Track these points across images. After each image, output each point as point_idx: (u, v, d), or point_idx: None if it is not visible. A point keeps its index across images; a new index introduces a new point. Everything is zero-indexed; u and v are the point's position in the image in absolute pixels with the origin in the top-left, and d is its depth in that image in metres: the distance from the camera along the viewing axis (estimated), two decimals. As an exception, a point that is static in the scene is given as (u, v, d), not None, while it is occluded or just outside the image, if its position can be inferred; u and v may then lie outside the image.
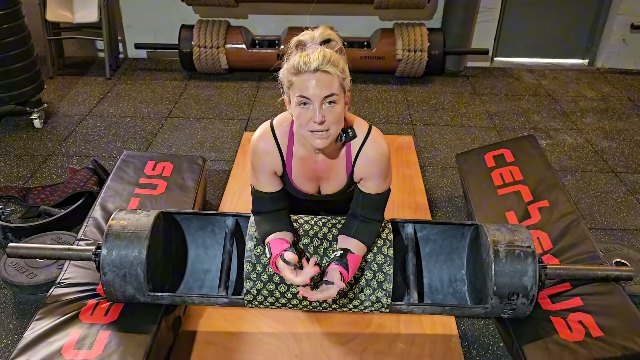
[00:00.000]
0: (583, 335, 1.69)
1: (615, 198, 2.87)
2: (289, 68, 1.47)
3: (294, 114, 1.51)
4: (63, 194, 2.67)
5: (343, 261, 1.66)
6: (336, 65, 1.44)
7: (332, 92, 1.45)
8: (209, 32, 4.05)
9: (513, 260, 1.73)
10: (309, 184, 1.73)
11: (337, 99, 1.47)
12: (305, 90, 1.44)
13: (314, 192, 1.77)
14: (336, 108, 1.48)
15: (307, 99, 1.45)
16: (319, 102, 1.45)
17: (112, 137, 3.36)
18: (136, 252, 1.73)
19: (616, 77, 4.36)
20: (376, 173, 1.65)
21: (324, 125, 1.47)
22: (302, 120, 1.49)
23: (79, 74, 4.24)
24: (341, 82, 1.47)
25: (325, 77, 1.43)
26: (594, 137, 3.48)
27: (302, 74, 1.44)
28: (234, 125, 3.54)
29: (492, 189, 2.43)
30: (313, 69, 1.42)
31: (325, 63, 1.42)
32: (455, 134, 3.48)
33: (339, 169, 1.68)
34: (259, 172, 1.70)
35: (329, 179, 1.72)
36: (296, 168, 1.69)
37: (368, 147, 1.63)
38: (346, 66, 1.49)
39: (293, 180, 1.71)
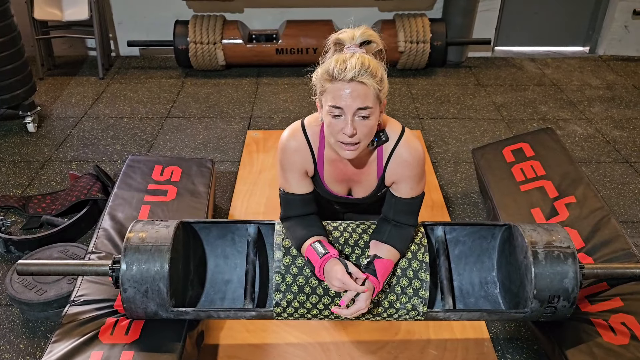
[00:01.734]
0: (628, 338, 1.63)
1: (632, 189, 2.82)
2: (323, 73, 1.38)
3: (325, 121, 1.43)
4: (66, 203, 2.55)
5: (370, 268, 1.58)
6: (374, 76, 1.35)
7: (366, 105, 1.36)
8: (204, 27, 3.92)
9: (553, 262, 1.66)
10: (340, 185, 1.65)
11: (370, 112, 1.38)
12: (338, 100, 1.36)
13: (345, 195, 1.68)
14: (369, 121, 1.40)
15: (339, 109, 1.36)
16: (352, 113, 1.37)
17: (111, 140, 3.23)
18: (158, 266, 1.63)
19: (619, 65, 4.32)
20: (409, 176, 1.57)
21: (354, 138, 1.40)
22: (333, 129, 1.42)
23: (70, 74, 4.09)
24: (377, 93, 1.38)
25: (360, 88, 1.34)
26: (604, 126, 3.43)
27: (337, 81, 1.35)
28: (237, 124, 3.43)
29: (514, 185, 2.36)
30: (348, 78, 1.33)
31: (362, 73, 1.33)
32: (464, 127, 3.41)
33: (370, 172, 1.60)
34: (289, 172, 1.60)
35: (360, 182, 1.63)
36: (327, 169, 1.61)
37: (400, 150, 1.54)
38: (385, 73, 1.39)
39: (325, 181, 1.63)
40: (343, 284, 1.49)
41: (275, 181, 2.79)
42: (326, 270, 1.53)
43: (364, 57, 1.35)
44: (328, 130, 1.43)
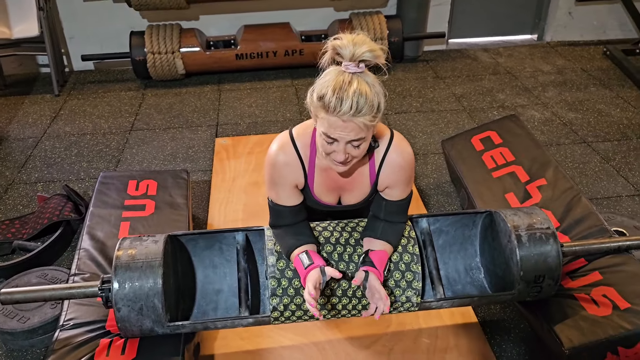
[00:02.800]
0: (611, 308, 1.72)
1: (592, 167, 2.96)
2: (319, 99, 1.34)
3: (318, 139, 1.43)
4: (37, 226, 2.47)
5: (367, 261, 1.61)
6: (370, 109, 1.32)
7: (360, 137, 1.36)
8: (161, 37, 3.86)
9: (536, 244, 1.73)
10: (330, 195, 1.66)
11: (363, 141, 1.38)
12: (332, 132, 1.35)
13: (334, 203, 1.70)
14: (361, 147, 1.40)
15: (333, 139, 1.37)
16: (345, 142, 1.37)
17: (75, 158, 3.15)
18: (151, 282, 1.61)
19: (566, 50, 4.51)
20: (402, 180, 1.58)
21: (345, 161, 1.42)
22: (325, 149, 1.42)
23: (23, 93, 3.95)
24: (372, 120, 1.35)
25: (355, 125, 1.33)
26: (559, 110, 3.58)
27: (332, 114, 1.32)
28: (204, 132, 3.40)
29: (486, 173, 2.44)
30: (344, 112, 1.30)
31: (357, 113, 1.30)
32: (429, 120, 3.49)
33: (362, 178, 1.61)
34: (279, 186, 1.60)
35: (352, 190, 1.65)
36: (318, 180, 1.61)
37: (392, 155, 1.55)
38: (382, 98, 1.35)
39: (314, 192, 1.63)
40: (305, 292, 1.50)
41: (250, 187, 2.79)
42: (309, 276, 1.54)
43: (362, 87, 1.30)
44: (321, 148, 1.43)
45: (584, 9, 4.51)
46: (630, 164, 2.98)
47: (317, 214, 1.79)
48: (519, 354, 1.94)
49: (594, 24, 4.60)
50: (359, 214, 1.80)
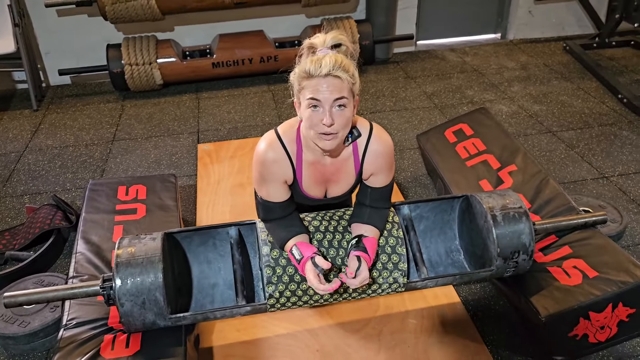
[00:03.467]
0: (581, 278, 1.86)
1: (558, 155, 3.14)
2: (301, 72, 1.51)
3: (304, 115, 1.54)
4: (29, 235, 2.52)
5: (360, 246, 1.72)
6: (347, 71, 1.49)
7: (342, 96, 1.49)
8: (138, 48, 3.93)
9: (510, 222, 1.87)
10: (317, 188, 1.77)
11: (346, 102, 1.51)
12: (316, 94, 1.49)
13: (321, 196, 1.81)
14: (345, 112, 1.52)
15: (317, 101, 1.49)
16: (329, 105, 1.49)
17: (60, 170, 3.19)
18: (152, 277, 1.70)
19: (528, 47, 4.72)
20: (384, 166, 1.72)
21: (332, 128, 1.51)
22: (312, 122, 1.52)
23: (0, 109, 3.96)
24: (351, 87, 1.51)
25: (335, 82, 1.48)
26: (525, 103, 3.77)
27: (314, 78, 1.48)
28: (185, 139, 3.48)
29: (460, 163, 2.58)
30: (324, 73, 1.46)
31: (336, 68, 1.46)
32: (402, 118, 3.63)
33: (348, 169, 1.73)
34: (268, 183, 1.70)
35: (339, 181, 1.76)
36: (306, 174, 1.72)
37: (374, 143, 1.68)
38: (356, 71, 1.54)
39: (303, 187, 1.74)
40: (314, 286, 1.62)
41: (235, 188, 2.88)
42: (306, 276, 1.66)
43: (336, 55, 1.49)
44: (307, 124, 1.54)
45: (544, 8, 4.74)
46: (593, 149, 3.17)
47: (305, 208, 1.90)
48: (500, 328, 2.07)
49: (553, 21, 4.84)
50: (342, 204, 1.93)
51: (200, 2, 3.79)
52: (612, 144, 3.22)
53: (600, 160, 3.06)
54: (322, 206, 1.93)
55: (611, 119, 3.50)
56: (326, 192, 1.81)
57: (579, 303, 1.78)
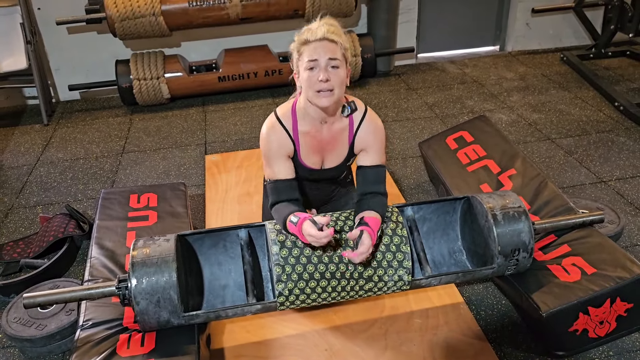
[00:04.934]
0: (580, 275, 1.93)
1: (557, 161, 3.21)
2: (299, 40, 1.75)
3: (303, 78, 1.75)
4: (43, 243, 2.59)
5: (363, 223, 1.81)
6: (339, 36, 1.73)
7: (336, 57, 1.71)
8: (146, 64, 4.04)
9: (510, 221, 1.94)
10: (314, 158, 1.92)
11: (339, 63, 1.72)
12: (312, 54, 1.70)
13: (318, 167, 1.95)
14: (339, 72, 1.73)
15: (314, 61, 1.70)
16: (325, 63, 1.70)
17: (71, 181, 3.28)
18: (167, 275, 1.77)
19: (526, 58, 4.83)
20: (375, 142, 1.91)
21: (328, 84, 1.71)
22: (310, 82, 1.73)
23: (12, 124, 4.07)
24: (343, 52, 1.74)
25: (329, 45, 1.70)
26: (524, 112, 3.85)
27: (310, 43, 1.71)
28: (193, 150, 3.57)
29: (461, 168, 2.66)
30: (319, 37, 1.70)
31: (329, 33, 1.70)
32: (405, 127, 3.72)
33: (342, 139, 1.90)
34: (273, 159, 1.86)
35: (334, 150, 1.92)
36: (302, 143, 1.88)
37: (368, 120, 1.91)
38: (347, 43, 1.77)
39: (301, 157, 1.90)
40: (313, 236, 1.69)
41: (243, 197, 2.95)
42: (303, 233, 1.73)
43: (329, 25, 1.73)
44: (306, 85, 1.74)
45: (540, 20, 4.85)
46: (591, 155, 3.24)
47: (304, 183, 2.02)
48: (502, 326, 2.13)
49: (550, 33, 4.95)
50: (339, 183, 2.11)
51: (206, 18, 3.90)
52: (609, 150, 3.30)
53: (598, 166, 3.13)
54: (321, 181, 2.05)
55: (608, 126, 3.58)
56: (323, 164, 1.96)
57: (578, 298, 1.84)
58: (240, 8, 3.89)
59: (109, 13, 3.76)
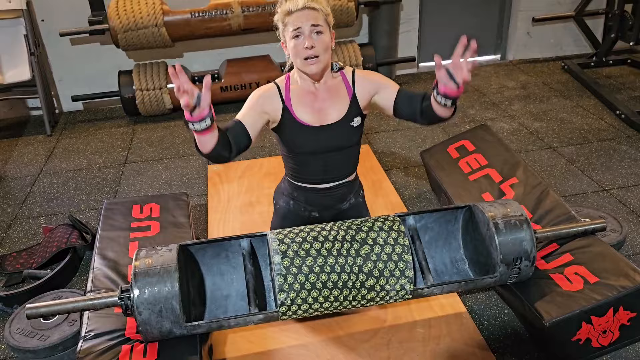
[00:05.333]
0: (582, 284, 1.92)
1: (559, 169, 3.21)
2: (281, 12, 1.85)
3: (290, 47, 1.85)
4: (46, 254, 2.60)
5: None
6: (319, 3, 1.84)
7: (318, 23, 1.81)
8: (149, 74, 4.07)
9: (512, 230, 1.94)
10: (311, 114, 1.95)
11: (322, 29, 1.83)
12: (296, 23, 1.81)
13: (317, 124, 1.95)
14: (323, 37, 1.83)
15: (298, 29, 1.80)
16: (308, 31, 1.80)
17: (74, 192, 3.29)
18: (169, 286, 1.77)
19: (527, 66, 4.84)
20: (380, 79, 1.99)
21: (314, 51, 1.81)
22: (297, 50, 1.82)
23: (15, 135, 4.09)
24: (325, 17, 1.85)
25: (311, 12, 1.81)
26: (525, 120, 3.86)
27: (293, 13, 1.82)
28: (195, 160, 3.58)
29: (463, 177, 2.66)
30: (300, 7, 1.80)
31: (310, 1, 1.81)
32: (406, 137, 3.73)
33: (340, 92, 1.97)
34: (249, 109, 1.93)
35: (333, 103, 1.95)
36: (296, 101, 1.94)
37: (360, 72, 2.01)
38: (328, 8, 1.88)
39: (295, 114, 1.93)
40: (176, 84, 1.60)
41: (245, 207, 2.96)
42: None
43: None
44: (293, 53, 1.84)
45: (541, 29, 4.87)
46: (593, 164, 3.25)
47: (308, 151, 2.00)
48: (505, 335, 2.12)
49: (551, 42, 4.97)
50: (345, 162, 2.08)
51: (208, 29, 3.93)
52: (611, 158, 3.30)
53: (600, 174, 3.13)
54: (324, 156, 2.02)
55: (610, 134, 3.58)
56: (322, 119, 1.96)
57: (581, 307, 1.84)
58: (242, 19, 3.92)
59: (112, 24, 3.79)
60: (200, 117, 1.67)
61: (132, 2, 3.85)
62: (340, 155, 2.05)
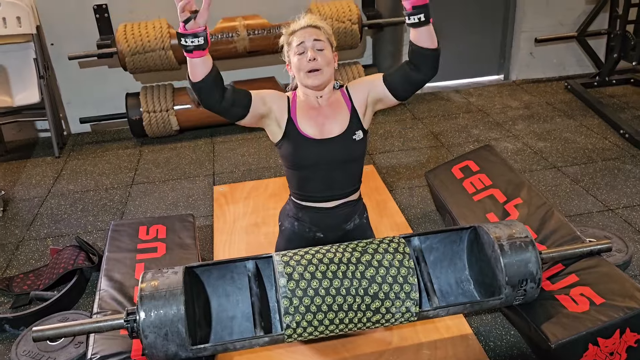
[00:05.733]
0: (588, 305, 1.92)
1: (564, 189, 3.22)
2: (286, 33, 1.98)
3: (294, 64, 1.95)
4: (53, 276, 2.61)
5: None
6: (323, 22, 1.97)
7: (320, 38, 1.93)
8: (156, 97, 4.12)
9: (517, 251, 1.94)
10: (313, 127, 1.99)
11: (325, 45, 1.94)
12: (300, 39, 1.92)
13: (320, 137, 1.99)
14: (325, 52, 1.93)
15: (301, 44, 1.91)
16: (311, 44, 1.91)
17: (81, 213, 3.32)
18: (174, 309, 1.78)
19: (531, 86, 4.87)
20: (367, 78, 2.07)
21: (316, 64, 1.90)
22: (300, 64, 1.92)
23: (24, 157, 4.14)
24: (327, 37, 1.96)
25: (314, 30, 1.94)
26: (529, 140, 3.88)
27: (297, 32, 1.95)
28: (201, 181, 3.61)
29: (467, 197, 2.67)
30: (303, 25, 1.94)
31: (313, 21, 1.95)
32: (411, 157, 3.75)
33: (341, 107, 2.02)
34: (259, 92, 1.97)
35: (335, 118, 2.00)
36: (300, 114, 2.00)
37: (350, 83, 2.09)
38: (330, 30, 2.01)
39: (298, 125, 1.98)
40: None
41: (251, 227, 2.97)
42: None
43: (311, 15, 1.98)
44: (296, 68, 1.94)
45: (544, 49, 4.91)
46: (598, 183, 3.25)
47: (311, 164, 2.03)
48: (511, 357, 2.11)
49: (554, 62, 5.00)
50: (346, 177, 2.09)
51: (214, 52, 3.98)
52: (616, 177, 3.30)
53: (605, 194, 3.13)
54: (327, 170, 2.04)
55: (614, 154, 3.59)
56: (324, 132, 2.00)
57: (587, 329, 1.83)
58: (247, 42, 3.98)
59: (120, 48, 3.86)
60: (193, 31, 1.66)
61: (140, 25, 3.92)
62: (343, 170, 2.07)
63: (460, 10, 4.81)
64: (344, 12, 4.07)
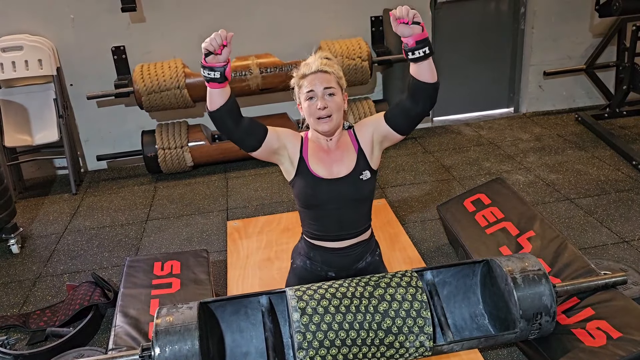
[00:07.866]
0: (605, 339, 1.90)
1: (577, 221, 3.21)
2: (297, 76, 2.02)
3: (304, 108, 1.99)
4: (69, 312, 2.64)
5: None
6: (332, 67, 1.99)
7: (331, 85, 1.95)
8: (170, 134, 4.21)
9: (530, 284, 1.94)
10: (323, 168, 2.04)
11: (335, 91, 1.96)
12: (310, 86, 1.95)
13: (327, 176, 2.04)
14: (335, 98, 1.96)
15: (312, 91, 1.94)
16: (321, 92, 1.94)
17: (97, 249, 3.36)
18: (189, 344, 1.79)
19: (541, 119, 4.90)
20: (371, 118, 2.10)
21: (326, 111, 1.94)
22: (310, 110, 1.96)
23: (42, 194, 4.22)
24: (338, 80, 1.99)
25: (324, 75, 1.96)
26: (541, 172, 3.88)
27: (307, 76, 1.97)
28: (215, 217, 3.65)
29: (480, 230, 2.67)
30: (314, 70, 1.96)
31: (323, 65, 1.97)
32: (423, 190, 3.76)
33: (349, 149, 2.08)
34: (276, 128, 2.08)
35: (342, 160, 2.05)
36: (311, 154, 2.06)
37: (356, 124, 2.13)
38: (341, 72, 2.03)
39: (309, 164, 2.04)
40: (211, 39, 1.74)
41: (263, 262, 2.98)
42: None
43: (322, 59, 2.00)
44: (307, 113, 1.98)
45: (553, 82, 4.96)
46: (612, 215, 3.23)
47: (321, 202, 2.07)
48: (529, 393, 2.08)
49: (564, 94, 5.04)
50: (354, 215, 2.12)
51: (228, 90, 4.08)
52: (630, 209, 3.29)
53: (620, 225, 3.11)
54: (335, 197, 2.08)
55: (627, 185, 3.58)
56: (333, 173, 2.05)
57: (605, 364, 1.81)
58: (260, 79, 4.08)
59: (137, 87, 3.97)
60: (211, 65, 1.78)
61: (156, 66, 4.04)
62: (352, 208, 2.11)
63: (470, 44, 4.89)
64: (354, 49, 4.17)
